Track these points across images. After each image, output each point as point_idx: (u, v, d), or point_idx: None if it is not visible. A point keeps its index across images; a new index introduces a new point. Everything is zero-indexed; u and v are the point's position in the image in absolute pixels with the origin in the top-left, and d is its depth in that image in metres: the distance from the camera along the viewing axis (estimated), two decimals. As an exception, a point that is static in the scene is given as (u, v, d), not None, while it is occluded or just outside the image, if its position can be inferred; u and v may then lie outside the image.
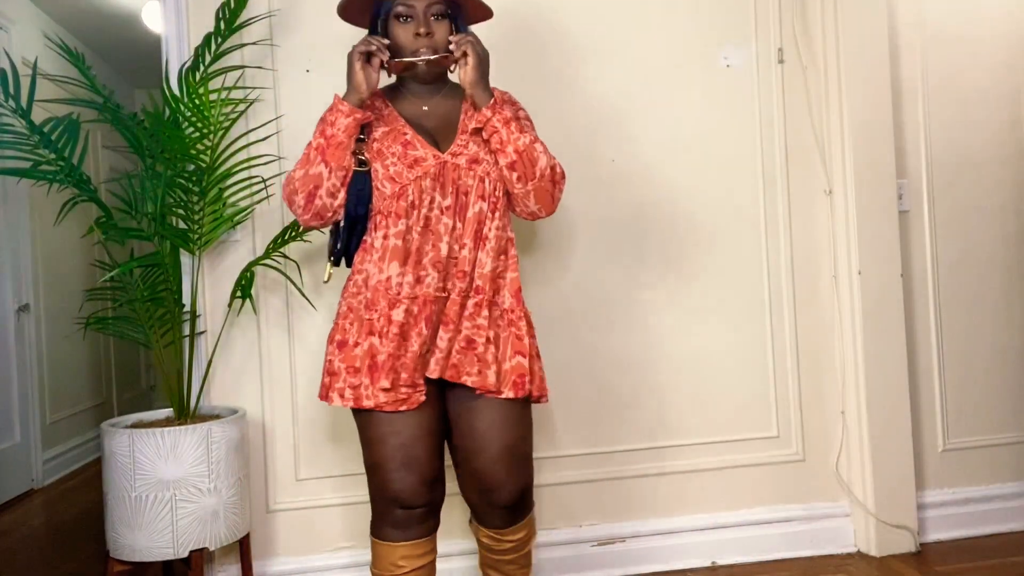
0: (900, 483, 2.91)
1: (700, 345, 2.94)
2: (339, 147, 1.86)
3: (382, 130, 1.93)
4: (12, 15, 4.25)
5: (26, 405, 4.26)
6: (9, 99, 2.34)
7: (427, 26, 1.87)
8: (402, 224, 1.87)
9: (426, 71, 1.92)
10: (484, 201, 1.90)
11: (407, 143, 1.90)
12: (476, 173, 1.90)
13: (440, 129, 1.94)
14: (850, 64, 2.91)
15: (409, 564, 1.87)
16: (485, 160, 1.91)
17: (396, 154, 1.89)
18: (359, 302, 1.92)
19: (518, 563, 2.06)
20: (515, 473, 1.93)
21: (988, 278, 3.14)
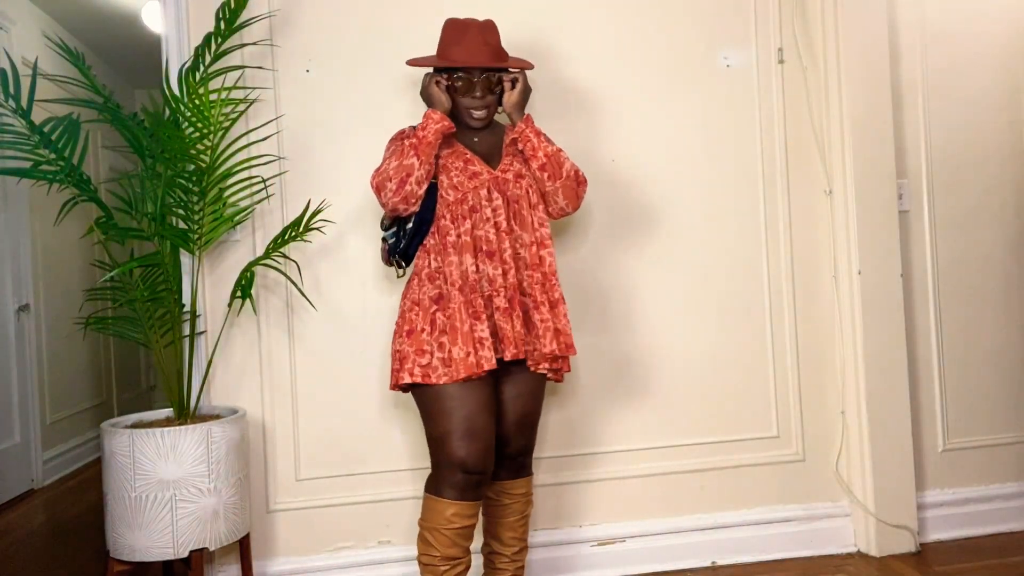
0: (900, 483, 2.91)
1: (700, 345, 2.94)
2: (428, 146, 2.23)
3: (447, 151, 2.32)
4: (12, 15, 4.25)
5: (26, 405, 4.26)
6: (9, 99, 2.34)
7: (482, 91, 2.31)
8: (468, 224, 2.24)
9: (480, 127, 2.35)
10: (534, 209, 2.32)
11: (467, 160, 2.31)
12: (521, 186, 2.32)
13: (490, 154, 2.36)
14: (850, 64, 2.91)
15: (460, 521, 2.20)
16: (527, 176, 2.34)
17: (459, 168, 2.29)
18: (425, 294, 2.24)
19: (518, 532, 2.38)
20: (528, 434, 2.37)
21: (988, 278, 3.14)
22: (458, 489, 2.18)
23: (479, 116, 2.32)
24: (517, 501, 2.38)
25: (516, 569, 2.41)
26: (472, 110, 2.31)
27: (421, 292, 2.25)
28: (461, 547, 2.21)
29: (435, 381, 2.17)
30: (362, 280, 2.78)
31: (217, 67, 2.51)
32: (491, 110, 2.35)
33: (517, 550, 2.41)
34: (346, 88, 2.79)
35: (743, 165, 2.99)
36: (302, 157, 2.76)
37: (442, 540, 2.18)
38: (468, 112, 2.32)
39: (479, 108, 2.31)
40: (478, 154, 2.33)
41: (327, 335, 2.76)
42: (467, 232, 2.23)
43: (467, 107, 2.31)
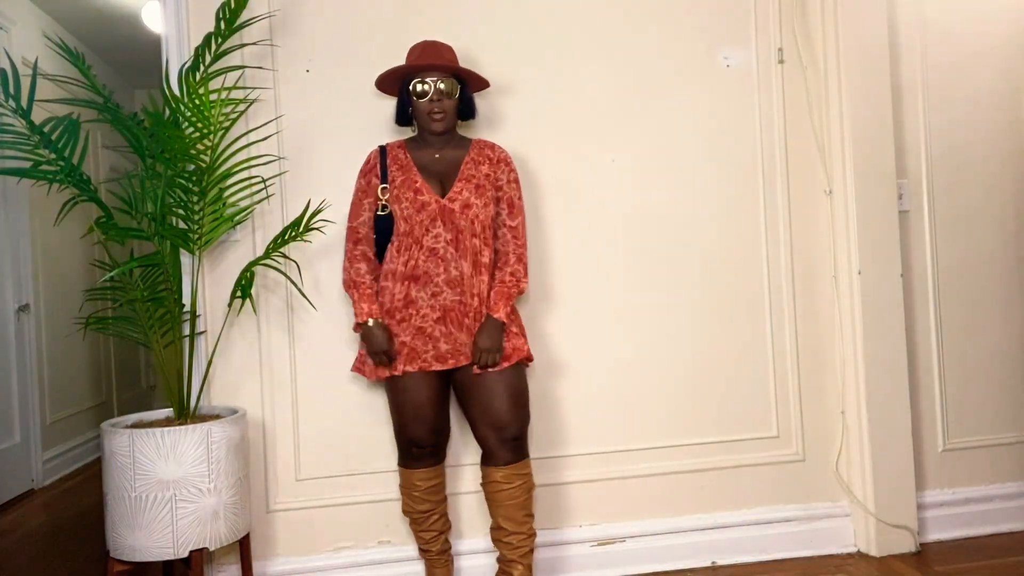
0: (900, 483, 2.91)
1: (700, 345, 2.94)
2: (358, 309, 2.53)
3: (401, 178, 2.51)
4: (12, 15, 4.25)
5: (26, 405, 4.26)
6: (9, 99, 2.34)
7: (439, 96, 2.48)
8: (407, 255, 2.47)
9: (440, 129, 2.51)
10: (476, 238, 2.49)
11: (417, 190, 2.49)
12: (467, 216, 2.48)
13: (447, 174, 2.53)
14: (850, 64, 2.91)
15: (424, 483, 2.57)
16: (475, 204, 2.49)
17: (409, 199, 2.48)
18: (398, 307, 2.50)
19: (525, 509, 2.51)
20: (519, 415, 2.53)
21: (988, 278, 3.14)
22: (413, 459, 2.55)
23: (438, 118, 2.49)
24: (524, 482, 2.51)
25: (531, 543, 2.52)
26: (431, 114, 2.48)
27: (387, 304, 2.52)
28: (430, 502, 2.57)
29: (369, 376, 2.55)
30: (362, 280, 2.78)
31: (217, 67, 2.51)
32: (449, 117, 2.51)
33: (529, 527, 2.52)
34: (346, 88, 2.78)
35: (743, 165, 2.99)
36: (302, 157, 2.76)
37: (415, 496, 2.57)
38: (428, 116, 2.49)
39: (437, 111, 2.48)
40: (434, 175, 2.52)
41: (327, 335, 2.76)
42: (404, 263, 2.47)
43: (425, 111, 2.49)
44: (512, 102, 2.84)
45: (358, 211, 2.56)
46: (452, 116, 2.53)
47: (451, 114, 2.52)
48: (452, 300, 2.44)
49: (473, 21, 2.80)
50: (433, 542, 2.59)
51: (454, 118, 2.54)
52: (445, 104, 2.49)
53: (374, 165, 2.56)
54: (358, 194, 2.57)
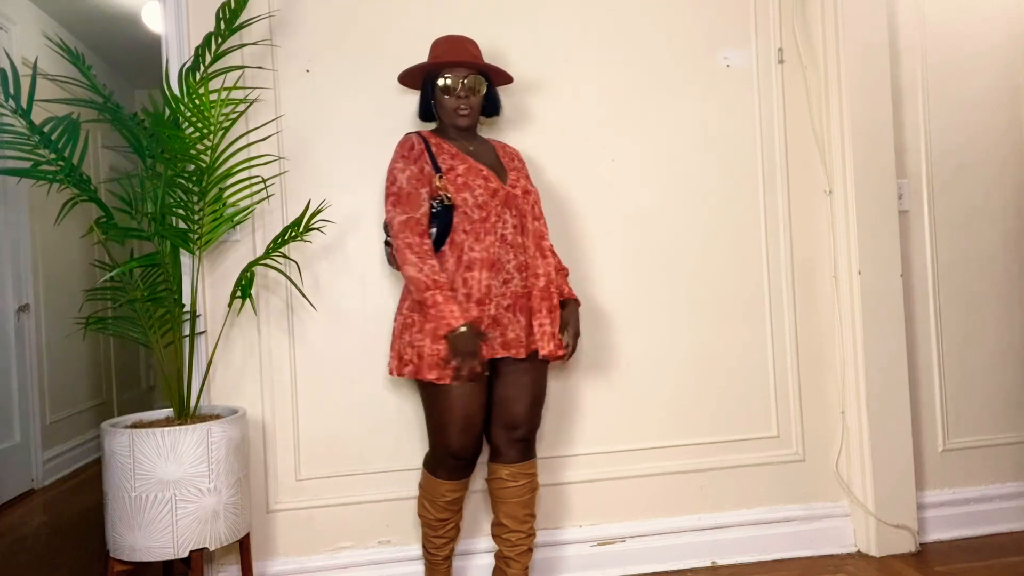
0: (900, 483, 2.91)
1: (700, 345, 2.94)
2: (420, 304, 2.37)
3: (463, 167, 2.43)
4: (12, 15, 4.25)
5: (26, 405, 4.26)
6: (9, 99, 2.34)
7: (466, 92, 2.47)
8: (488, 240, 2.39)
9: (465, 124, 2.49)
10: (537, 220, 2.50)
11: (486, 177, 2.43)
12: (528, 201, 2.48)
13: (492, 164, 2.51)
14: (850, 64, 2.91)
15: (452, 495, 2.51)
16: (532, 191, 2.52)
17: (480, 186, 2.41)
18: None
19: (529, 508, 2.51)
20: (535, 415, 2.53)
21: (988, 278, 3.14)
22: (451, 472, 2.47)
23: (464, 113, 2.47)
24: (529, 481, 2.51)
25: (530, 543, 2.53)
26: (457, 109, 2.46)
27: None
28: (451, 511, 2.52)
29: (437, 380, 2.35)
30: (362, 280, 2.78)
31: (217, 67, 2.51)
32: (475, 112, 2.50)
33: (530, 526, 2.52)
34: (346, 88, 2.79)
35: (743, 165, 2.99)
36: (302, 157, 2.76)
37: (437, 506, 2.51)
38: (454, 112, 2.47)
39: (463, 107, 2.46)
40: (485, 165, 2.47)
41: (327, 335, 2.76)
42: (485, 248, 2.39)
43: (452, 107, 2.47)
44: (512, 102, 2.84)
45: (416, 200, 2.37)
46: (477, 112, 2.51)
47: (476, 110, 2.51)
48: (519, 286, 2.40)
49: (473, 21, 2.79)
50: (442, 548, 2.56)
51: (478, 114, 2.53)
52: (471, 100, 2.48)
53: (421, 151, 2.43)
54: (412, 182, 2.38)
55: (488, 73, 2.54)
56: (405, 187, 2.38)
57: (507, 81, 2.64)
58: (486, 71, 2.53)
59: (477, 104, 2.50)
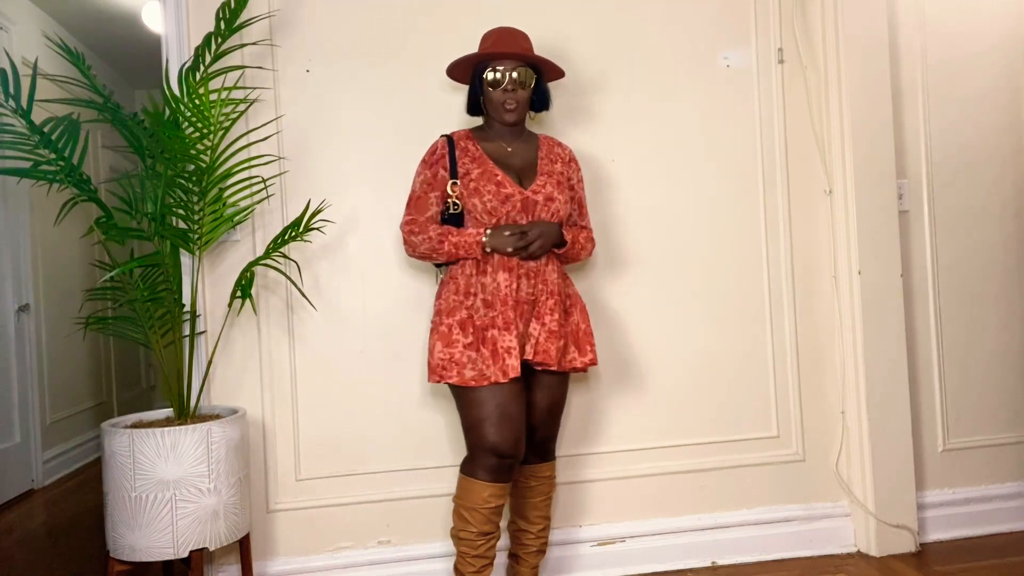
0: (900, 483, 2.91)
1: (700, 345, 2.94)
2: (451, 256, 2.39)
3: (477, 171, 2.40)
4: (12, 15, 4.25)
5: (26, 405, 4.26)
6: (9, 99, 2.34)
7: (513, 86, 2.41)
8: None
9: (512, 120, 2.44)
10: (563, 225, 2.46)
11: (499, 183, 2.38)
12: (550, 209, 2.40)
13: (523, 168, 2.45)
14: (850, 64, 2.91)
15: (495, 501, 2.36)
16: (557, 199, 2.42)
17: (491, 192, 2.36)
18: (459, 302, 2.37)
19: (543, 511, 2.52)
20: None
21: (988, 278, 3.14)
22: (492, 472, 2.32)
23: (511, 108, 2.40)
24: (543, 483, 2.52)
25: (541, 544, 2.55)
26: (503, 104, 2.40)
27: (454, 300, 2.37)
28: (494, 523, 2.35)
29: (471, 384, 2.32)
30: (362, 280, 2.78)
31: (217, 67, 2.51)
32: (522, 107, 2.43)
33: (542, 527, 2.53)
34: (346, 88, 2.79)
35: (743, 165, 2.99)
36: (302, 157, 2.76)
37: (478, 518, 2.32)
38: (501, 106, 2.41)
39: (510, 102, 2.40)
40: (510, 168, 2.43)
41: (327, 335, 2.76)
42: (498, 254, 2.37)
43: (499, 101, 2.40)
44: (512, 102, 2.84)
45: (424, 205, 2.41)
46: (524, 107, 2.44)
47: (523, 105, 2.43)
48: (527, 293, 2.36)
49: (471, 21, 2.79)
50: (484, 571, 2.36)
51: (526, 109, 2.46)
52: (519, 95, 2.41)
53: (442, 156, 2.42)
54: (423, 186, 2.42)
55: (538, 66, 2.47)
56: (417, 191, 2.43)
57: (559, 75, 2.57)
58: (536, 64, 2.46)
59: (524, 99, 2.43)
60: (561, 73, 2.57)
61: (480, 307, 2.35)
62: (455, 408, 2.43)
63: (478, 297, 2.35)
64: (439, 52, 2.72)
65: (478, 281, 2.36)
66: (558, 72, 2.55)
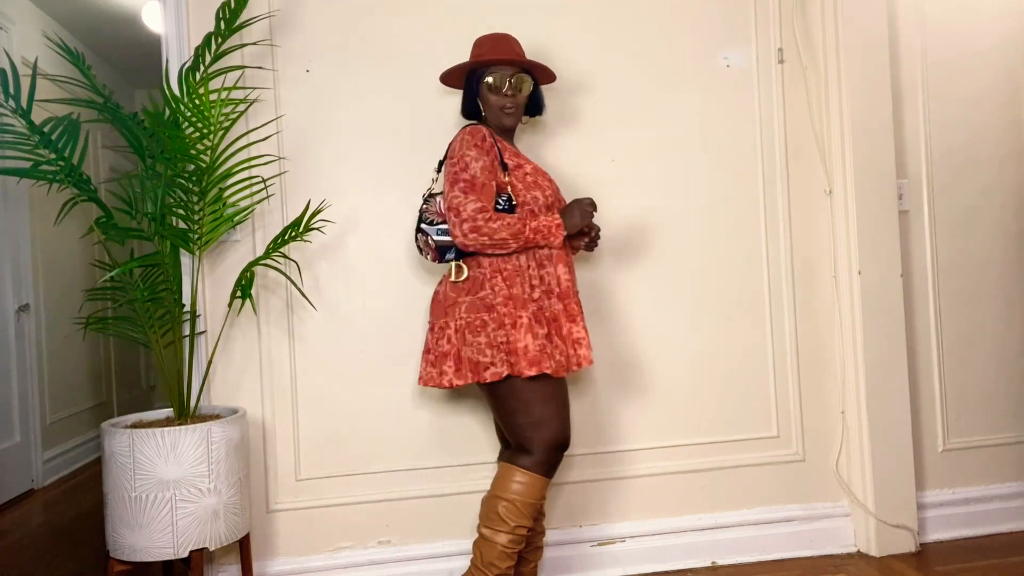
0: (900, 483, 2.91)
1: (700, 345, 2.94)
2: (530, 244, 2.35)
3: (530, 167, 2.44)
4: (12, 15, 4.25)
5: (26, 405, 4.26)
6: (9, 99, 2.34)
7: (512, 91, 2.45)
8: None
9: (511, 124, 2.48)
10: None
11: (551, 180, 2.48)
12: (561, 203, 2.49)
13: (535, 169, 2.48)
14: (850, 64, 2.91)
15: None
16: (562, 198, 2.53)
17: (548, 187, 2.43)
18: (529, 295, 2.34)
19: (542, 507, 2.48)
20: None
21: (988, 278, 3.14)
22: (556, 466, 2.35)
23: (510, 112, 2.45)
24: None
25: (542, 541, 2.58)
26: (503, 108, 2.44)
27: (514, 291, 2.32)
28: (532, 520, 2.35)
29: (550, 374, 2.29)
30: (362, 280, 2.78)
31: (217, 67, 2.51)
32: (519, 111, 2.48)
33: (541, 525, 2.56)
34: (346, 88, 2.79)
35: (743, 165, 2.99)
36: (302, 157, 2.76)
37: (530, 514, 2.30)
38: (500, 110, 2.45)
39: (509, 106, 2.44)
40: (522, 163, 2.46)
41: (327, 335, 2.76)
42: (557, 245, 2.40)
43: (499, 105, 2.45)
44: (512, 102, 2.84)
45: (490, 192, 2.32)
46: (521, 111, 2.50)
47: (521, 109, 2.49)
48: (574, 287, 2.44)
49: (470, 21, 2.79)
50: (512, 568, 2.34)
51: (522, 113, 2.52)
52: (518, 99, 2.46)
53: (492, 145, 2.38)
54: (485, 172, 2.32)
55: (533, 72, 2.52)
56: (479, 176, 2.31)
57: (550, 79, 2.61)
58: (531, 69, 2.51)
59: (522, 103, 2.48)
60: (553, 77, 2.60)
61: (544, 298, 2.35)
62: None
63: (537, 289, 2.35)
64: (439, 52, 2.72)
65: (538, 273, 2.37)
66: (550, 76, 2.60)
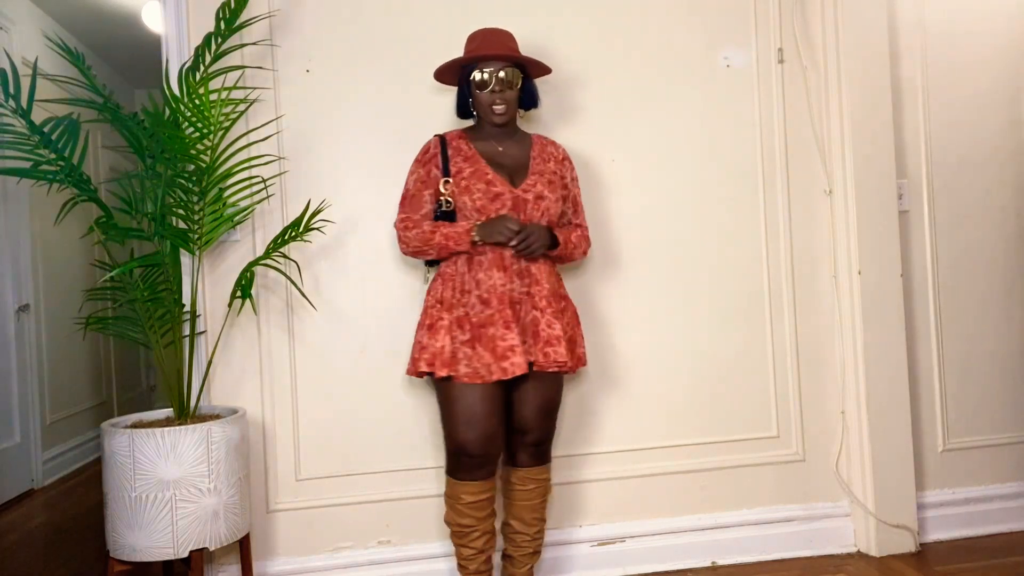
0: (900, 483, 2.91)
1: (700, 345, 2.94)
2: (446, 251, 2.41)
3: (469, 170, 2.41)
4: (12, 15, 4.25)
5: (26, 405, 4.26)
6: (9, 99, 2.34)
7: (501, 87, 2.41)
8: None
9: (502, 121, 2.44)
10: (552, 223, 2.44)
11: (489, 181, 2.40)
12: (540, 208, 2.41)
13: (515, 167, 2.46)
14: (850, 64, 2.91)
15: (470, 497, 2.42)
16: (548, 197, 2.43)
17: (481, 191, 2.38)
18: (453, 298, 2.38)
19: (538, 512, 2.52)
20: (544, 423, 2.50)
21: (988, 278, 3.14)
22: (463, 471, 2.39)
23: (499, 111, 2.42)
24: (540, 486, 2.51)
25: (536, 546, 2.55)
26: (492, 105, 2.41)
27: (449, 296, 2.39)
28: (472, 516, 2.40)
29: (464, 380, 2.33)
30: (362, 280, 2.78)
31: (217, 67, 2.51)
32: (511, 107, 2.44)
33: (538, 529, 2.53)
34: (346, 88, 2.78)
35: (743, 165, 2.99)
36: (302, 157, 2.76)
37: (456, 511, 2.42)
38: (489, 108, 2.42)
39: (499, 103, 2.41)
40: (502, 167, 2.44)
41: (327, 335, 2.76)
42: (492, 249, 2.37)
43: (488, 102, 2.42)
44: (512, 102, 2.84)
45: (418, 203, 2.45)
46: (513, 107, 2.45)
47: (512, 105, 2.45)
48: (520, 292, 2.38)
49: (471, 21, 2.79)
50: (471, 560, 2.44)
51: (515, 109, 2.47)
52: (507, 95, 2.42)
53: (434, 155, 2.46)
54: (416, 184, 2.46)
55: (525, 65, 2.48)
56: (411, 188, 2.47)
57: (545, 72, 2.57)
58: (523, 63, 2.47)
59: (513, 98, 2.44)
60: (548, 70, 2.57)
61: (476, 304, 2.35)
62: None
63: (472, 294, 2.36)
64: (439, 52, 2.72)
65: (472, 278, 2.37)
66: (544, 69, 2.55)
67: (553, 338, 2.35)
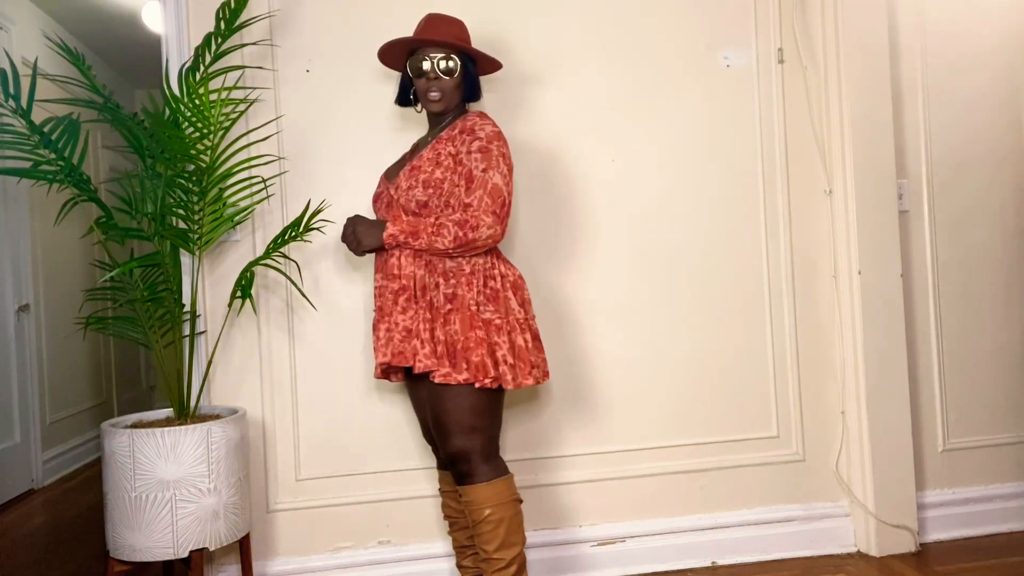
0: (900, 483, 2.91)
1: (700, 345, 2.94)
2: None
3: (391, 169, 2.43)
4: (12, 15, 4.25)
5: (26, 405, 4.27)
6: (9, 99, 2.34)
7: (436, 75, 2.31)
8: None
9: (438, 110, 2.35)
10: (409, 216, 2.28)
11: (382, 180, 2.43)
12: (406, 198, 2.27)
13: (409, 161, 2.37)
14: (850, 64, 2.91)
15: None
16: (415, 188, 2.25)
17: (381, 191, 2.40)
18: None
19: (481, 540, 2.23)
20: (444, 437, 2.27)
21: (988, 278, 3.14)
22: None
23: (435, 98, 2.31)
24: (467, 508, 2.23)
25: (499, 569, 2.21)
26: (427, 93, 2.32)
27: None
28: (448, 507, 2.48)
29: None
30: (362, 280, 2.78)
31: (217, 67, 2.51)
32: (448, 96, 2.32)
33: (482, 558, 2.23)
34: (346, 88, 2.79)
35: (743, 165, 2.99)
36: (302, 157, 2.76)
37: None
38: (425, 95, 2.33)
39: (434, 91, 2.30)
40: (401, 163, 2.42)
41: (327, 335, 2.76)
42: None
43: (423, 89, 2.33)
44: (510, 99, 2.84)
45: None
46: (450, 96, 2.32)
47: (449, 94, 2.31)
48: (380, 288, 2.30)
49: (471, 22, 2.79)
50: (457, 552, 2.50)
51: (453, 98, 2.33)
52: (443, 83, 2.29)
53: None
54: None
55: (470, 56, 2.35)
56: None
57: (494, 68, 2.46)
58: (468, 54, 2.34)
59: (449, 88, 2.31)
60: (498, 65, 2.45)
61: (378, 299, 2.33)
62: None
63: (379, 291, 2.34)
64: (439, 52, 2.72)
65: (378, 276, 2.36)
66: (494, 64, 2.44)
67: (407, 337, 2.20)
